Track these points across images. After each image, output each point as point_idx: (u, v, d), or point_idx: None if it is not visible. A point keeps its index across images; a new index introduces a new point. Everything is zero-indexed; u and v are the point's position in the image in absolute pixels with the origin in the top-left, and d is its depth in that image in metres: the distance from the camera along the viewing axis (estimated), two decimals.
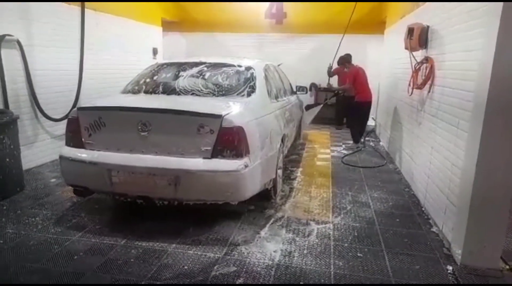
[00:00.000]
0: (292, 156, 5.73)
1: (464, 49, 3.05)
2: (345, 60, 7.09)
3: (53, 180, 4.44)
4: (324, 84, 9.12)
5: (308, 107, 7.39)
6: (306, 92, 6.13)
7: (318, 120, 9.17)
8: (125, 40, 6.82)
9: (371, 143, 6.97)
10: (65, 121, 5.10)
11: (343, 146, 6.71)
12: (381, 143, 6.97)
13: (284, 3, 8.95)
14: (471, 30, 2.95)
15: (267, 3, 8.97)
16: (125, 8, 6.76)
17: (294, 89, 5.88)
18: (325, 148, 6.54)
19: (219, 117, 2.90)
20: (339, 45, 7.05)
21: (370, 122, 8.90)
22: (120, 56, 6.64)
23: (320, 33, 9.00)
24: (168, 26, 8.83)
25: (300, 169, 5.14)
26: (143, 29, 7.52)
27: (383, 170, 5.23)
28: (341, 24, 8.71)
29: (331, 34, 8.91)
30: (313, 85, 9.07)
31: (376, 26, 8.33)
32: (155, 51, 8.00)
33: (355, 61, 8.83)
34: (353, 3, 8.11)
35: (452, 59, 3.35)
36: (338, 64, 7.40)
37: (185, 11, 9.23)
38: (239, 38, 9.35)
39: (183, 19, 9.39)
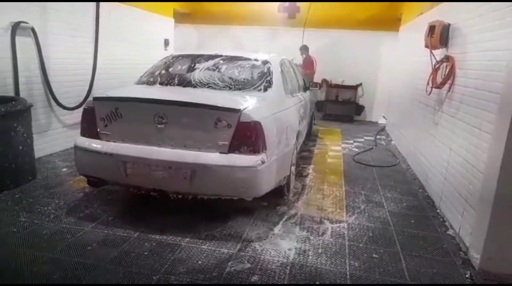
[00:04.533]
0: (304, 152, 5.68)
1: (490, 49, 2.96)
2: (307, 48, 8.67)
3: (64, 169, 4.43)
4: (335, 81, 9.07)
5: None
6: (320, 88, 6.06)
7: (328, 117, 9.13)
8: (137, 30, 6.76)
9: (383, 142, 6.89)
10: (78, 110, 5.17)
11: (354, 143, 6.64)
12: (392, 142, 6.89)
13: None
14: (498, 30, 2.86)
15: None
16: None
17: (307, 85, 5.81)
18: (336, 145, 6.48)
19: (237, 111, 2.85)
20: (302, 39, 8.72)
21: (381, 120, 8.87)
22: (132, 46, 6.59)
23: (333, 28, 8.90)
24: (179, 17, 8.76)
25: (312, 166, 5.09)
26: (155, 19, 7.45)
27: (395, 169, 5.16)
28: (355, 20, 8.66)
29: (344, 30, 8.85)
30: (324, 81, 9.00)
31: (391, 23, 8.20)
32: (166, 43, 7.94)
33: (370, 58, 8.84)
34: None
35: (475, 58, 3.26)
36: (301, 50, 8.74)
37: (197, 3, 9.14)
38: (251, 31, 9.26)
39: (195, 10, 9.32)
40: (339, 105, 9.07)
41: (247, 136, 2.88)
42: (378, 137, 7.26)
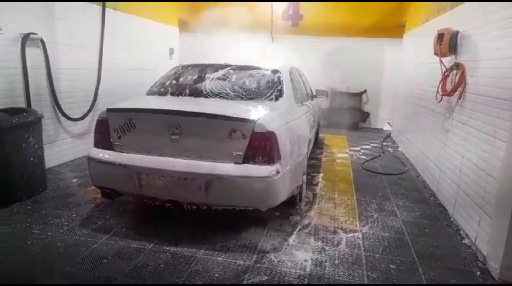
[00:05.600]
0: (312, 160, 5.66)
1: (504, 57, 2.96)
2: None
3: (74, 180, 4.42)
4: (340, 88, 9.08)
5: None
6: (327, 96, 6.06)
7: (333, 124, 9.12)
8: (142, 40, 6.78)
9: (390, 149, 6.87)
10: (83, 120, 5.18)
11: (361, 151, 6.63)
12: (399, 149, 6.87)
13: (301, 5, 8.88)
14: (510, 37, 2.87)
15: (284, 5, 8.90)
16: (143, 7, 6.74)
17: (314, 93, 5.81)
18: (343, 152, 6.46)
19: (252, 122, 2.84)
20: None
21: (386, 127, 8.86)
22: (137, 55, 6.60)
23: (336, 36, 8.92)
24: (183, 26, 8.80)
25: (321, 174, 5.07)
26: (160, 29, 7.50)
27: (405, 177, 5.14)
28: (359, 27, 8.70)
29: (347, 37, 8.88)
30: (329, 88, 9.00)
31: (395, 30, 8.24)
32: (171, 52, 7.97)
33: (374, 65, 8.86)
34: (371, 6, 8.08)
35: (488, 66, 3.26)
36: None
37: (200, 11, 9.18)
38: (255, 39, 9.27)
39: (198, 19, 9.34)
40: (343, 112, 9.06)
41: (262, 146, 2.87)
42: (384, 144, 7.25)
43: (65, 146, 5.05)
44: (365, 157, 6.14)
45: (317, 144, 6.68)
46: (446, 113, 4.26)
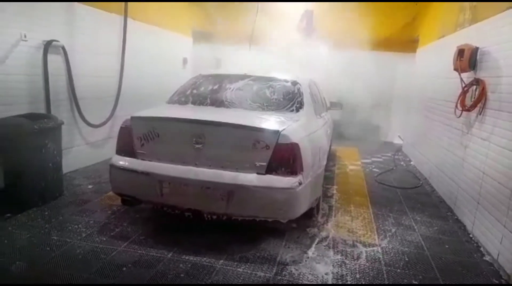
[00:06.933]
0: (325, 172, 5.61)
1: None
2: None
3: (90, 186, 4.42)
4: (350, 100, 9.06)
5: None
6: (341, 108, 6.07)
7: (344, 136, 9.11)
8: (157, 49, 6.85)
9: (402, 162, 6.84)
10: (102, 127, 5.21)
11: (373, 164, 6.60)
12: (411, 162, 6.83)
13: (314, 18, 8.95)
14: None
15: (298, 17, 8.97)
16: (160, 17, 6.83)
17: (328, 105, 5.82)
18: (356, 165, 6.43)
19: (276, 132, 2.85)
20: None
21: (397, 140, 8.83)
22: (152, 64, 6.67)
23: (348, 49, 8.95)
24: (197, 36, 8.88)
25: (335, 186, 5.04)
26: (174, 39, 7.58)
27: (419, 191, 5.10)
28: (371, 41, 8.72)
29: (360, 51, 8.90)
30: (339, 100, 9.00)
31: (407, 44, 8.27)
32: (185, 61, 8.03)
33: (386, 79, 8.85)
34: (386, 20, 8.13)
35: (511, 83, 3.25)
36: None
37: (214, 22, 9.27)
38: (267, 50, 9.33)
39: (212, 30, 9.44)
40: (354, 125, 9.05)
41: (285, 158, 2.87)
42: (396, 157, 7.22)
43: (80, 153, 5.07)
44: (377, 170, 6.11)
45: (330, 156, 6.65)
46: (464, 128, 4.24)
